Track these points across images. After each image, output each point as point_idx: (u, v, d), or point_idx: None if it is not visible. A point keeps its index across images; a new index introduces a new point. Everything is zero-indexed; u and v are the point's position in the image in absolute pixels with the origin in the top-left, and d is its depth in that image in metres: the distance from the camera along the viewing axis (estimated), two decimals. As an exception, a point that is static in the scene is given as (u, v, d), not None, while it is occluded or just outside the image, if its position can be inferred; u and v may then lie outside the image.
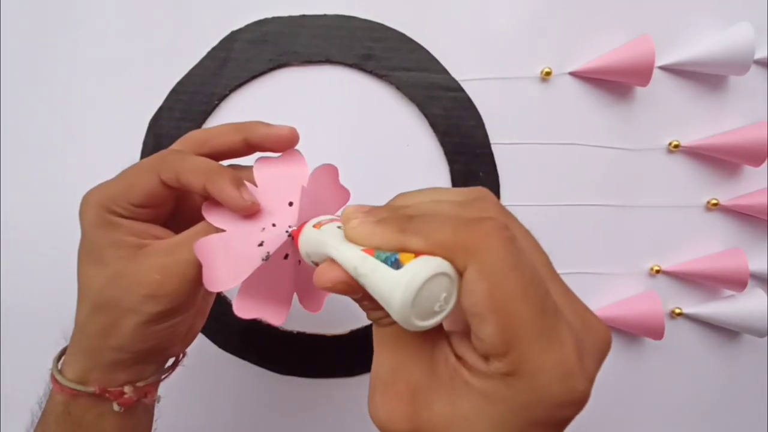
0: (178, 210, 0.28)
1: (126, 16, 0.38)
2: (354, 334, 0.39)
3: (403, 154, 0.39)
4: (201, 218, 0.25)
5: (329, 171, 0.28)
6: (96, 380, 0.26)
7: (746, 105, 0.40)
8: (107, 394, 0.26)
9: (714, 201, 0.40)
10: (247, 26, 0.38)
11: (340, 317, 0.39)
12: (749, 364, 0.42)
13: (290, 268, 0.25)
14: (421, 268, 0.16)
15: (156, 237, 0.26)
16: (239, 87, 0.38)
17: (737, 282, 0.38)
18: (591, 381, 0.18)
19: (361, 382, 0.39)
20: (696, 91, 0.40)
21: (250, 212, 0.24)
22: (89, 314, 0.25)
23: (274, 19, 0.38)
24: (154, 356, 0.28)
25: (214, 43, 0.38)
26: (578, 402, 0.17)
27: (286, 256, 0.25)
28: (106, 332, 0.25)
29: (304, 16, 0.38)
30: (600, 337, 0.19)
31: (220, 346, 0.39)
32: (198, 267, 0.24)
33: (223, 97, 0.38)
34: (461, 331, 0.19)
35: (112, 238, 0.25)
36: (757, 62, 0.39)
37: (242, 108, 0.39)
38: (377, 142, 0.39)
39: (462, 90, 0.38)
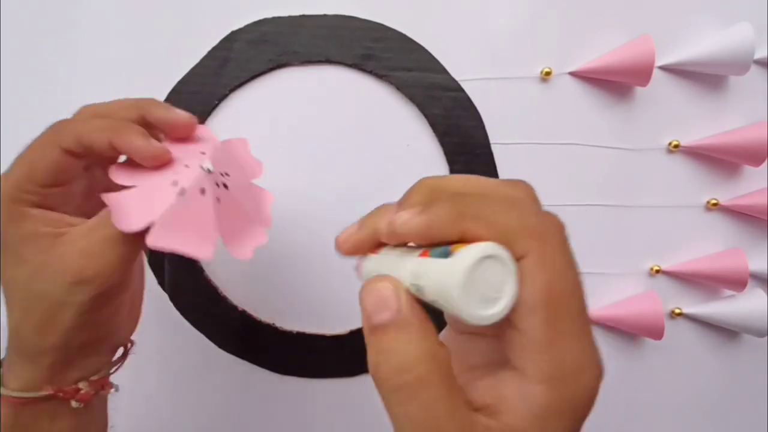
0: (89, 198, 0.27)
1: (126, 16, 0.38)
2: (354, 334, 0.39)
3: (403, 154, 0.39)
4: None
5: (241, 142, 0.28)
6: (45, 383, 0.25)
7: (746, 105, 0.40)
8: (62, 394, 0.25)
9: (714, 201, 0.40)
10: (247, 26, 0.38)
11: (341, 317, 0.39)
12: (749, 364, 0.42)
13: (209, 205, 0.24)
14: (471, 250, 0.16)
15: (71, 225, 0.25)
16: (239, 87, 0.38)
17: (737, 282, 0.38)
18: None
19: (361, 382, 0.39)
20: (696, 91, 0.40)
21: (162, 161, 0.24)
22: (21, 316, 0.24)
23: (273, 19, 0.38)
24: (100, 347, 0.27)
25: (214, 43, 0.38)
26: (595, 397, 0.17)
27: (202, 191, 0.24)
28: (42, 331, 0.24)
29: (304, 16, 0.38)
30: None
31: (219, 346, 0.39)
32: (121, 244, 0.23)
33: (223, 97, 0.38)
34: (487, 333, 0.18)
35: (26, 231, 0.24)
36: (757, 62, 0.39)
37: (242, 108, 0.39)
38: (377, 142, 0.39)
39: (462, 90, 0.38)
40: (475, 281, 0.16)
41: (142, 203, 0.23)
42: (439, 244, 0.17)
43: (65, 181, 0.25)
